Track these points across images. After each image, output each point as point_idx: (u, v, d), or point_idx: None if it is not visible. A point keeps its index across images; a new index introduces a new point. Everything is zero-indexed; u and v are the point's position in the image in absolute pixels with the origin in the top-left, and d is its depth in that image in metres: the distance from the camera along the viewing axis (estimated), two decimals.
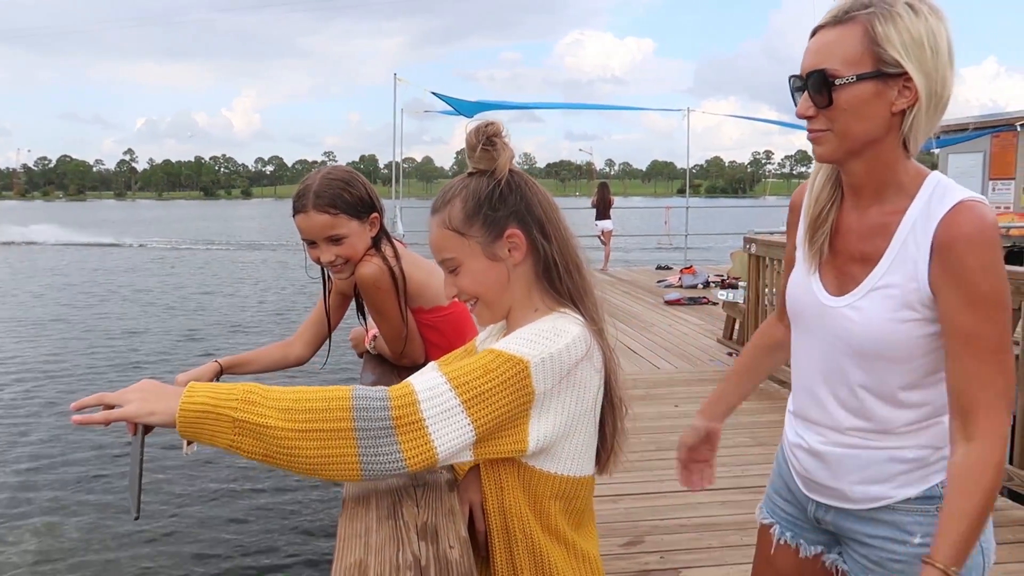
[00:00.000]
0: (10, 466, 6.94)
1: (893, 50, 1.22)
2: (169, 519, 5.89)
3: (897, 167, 1.30)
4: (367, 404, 1.09)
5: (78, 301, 17.41)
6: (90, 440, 7.36)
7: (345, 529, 1.09)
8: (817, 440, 1.46)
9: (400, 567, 0.98)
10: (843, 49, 1.25)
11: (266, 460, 1.09)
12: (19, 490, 6.41)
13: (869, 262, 1.34)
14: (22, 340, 12.99)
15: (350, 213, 1.99)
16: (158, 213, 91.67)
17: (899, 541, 1.39)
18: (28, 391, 9.52)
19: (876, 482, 1.40)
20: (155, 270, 24.59)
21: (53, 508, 6.06)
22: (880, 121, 1.26)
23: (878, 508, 1.40)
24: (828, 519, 1.49)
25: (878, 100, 1.24)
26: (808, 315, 1.44)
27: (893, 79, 1.23)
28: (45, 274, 23.59)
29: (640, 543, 3.48)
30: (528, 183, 1.29)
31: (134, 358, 11.48)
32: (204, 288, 19.68)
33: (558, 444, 1.20)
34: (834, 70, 1.25)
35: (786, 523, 1.60)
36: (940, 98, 1.25)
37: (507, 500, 1.22)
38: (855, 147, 1.29)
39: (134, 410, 1.13)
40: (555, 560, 1.22)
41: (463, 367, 1.15)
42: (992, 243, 1.23)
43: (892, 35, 1.22)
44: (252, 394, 1.11)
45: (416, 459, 1.10)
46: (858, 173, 1.33)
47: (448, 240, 1.27)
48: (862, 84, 1.24)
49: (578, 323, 1.23)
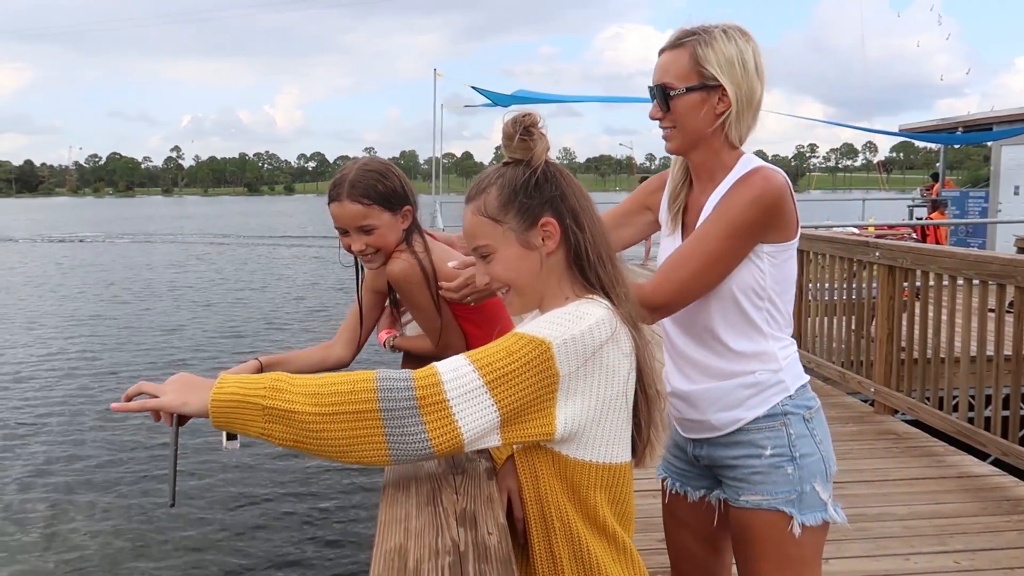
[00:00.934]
0: (55, 463, 7.10)
1: (711, 67, 1.60)
2: (204, 524, 6.00)
3: (723, 154, 1.68)
4: (391, 385, 1.11)
5: (137, 296, 17.86)
6: (131, 440, 7.50)
7: (385, 514, 1.10)
8: (684, 382, 1.75)
9: (439, 552, 0.99)
10: (676, 67, 1.64)
11: (297, 446, 1.12)
12: (57, 490, 6.54)
13: None
14: (69, 336, 13.38)
15: (383, 204, 2.01)
16: (204, 210, 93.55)
17: (754, 456, 1.66)
18: (75, 386, 9.77)
19: (730, 408, 1.68)
20: (196, 265, 25.09)
21: (91, 506, 6.16)
22: (707, 121, 1.64)
23: (736, 431, 1.69)
24: (703, 453, 1.77)
25: (703, 105, 1.63)
26: None
27: (713, 89, 1.62)
28: (97, 270, 24.23)
29: None
30: (562, 173, 1.31)
31: (179, 355, 11.75)
32: (245, 284, 20.02)
33: (589, 430, 1.20)
34: (670, 83, 1.64)
35: (675, 475, 1.90)
36: (750, 101, 1.64)
37: (543, 489, 1.22)
38: (693, 141, 1.67)
39: (168, 400, 1.18)
40: (594, 549, 1.22)
41: (486, 349, 1.16)
42: (753, 185, 1.61)
43: (710, 56, 1.61)
44: (279, 382, 1.13)
45: (442, 440, 1.11)
46: (697, 160, 1.71)
47: (482, 227, 1.29)
48: (690, 94, 1.63)
49: (603, 307, 1.23)
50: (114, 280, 21.11)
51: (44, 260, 27.62)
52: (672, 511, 1.94)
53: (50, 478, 6.69)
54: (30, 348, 12.16)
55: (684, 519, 1.90)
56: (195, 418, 1.20)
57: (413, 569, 0.95)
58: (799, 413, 1.66)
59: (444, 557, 0.97)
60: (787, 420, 1.65)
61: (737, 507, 1.69)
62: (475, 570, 0.94)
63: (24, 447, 7.41)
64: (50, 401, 9.03)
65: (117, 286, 19.72)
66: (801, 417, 1.66)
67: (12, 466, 6.90)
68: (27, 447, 7.41)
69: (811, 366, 5.67)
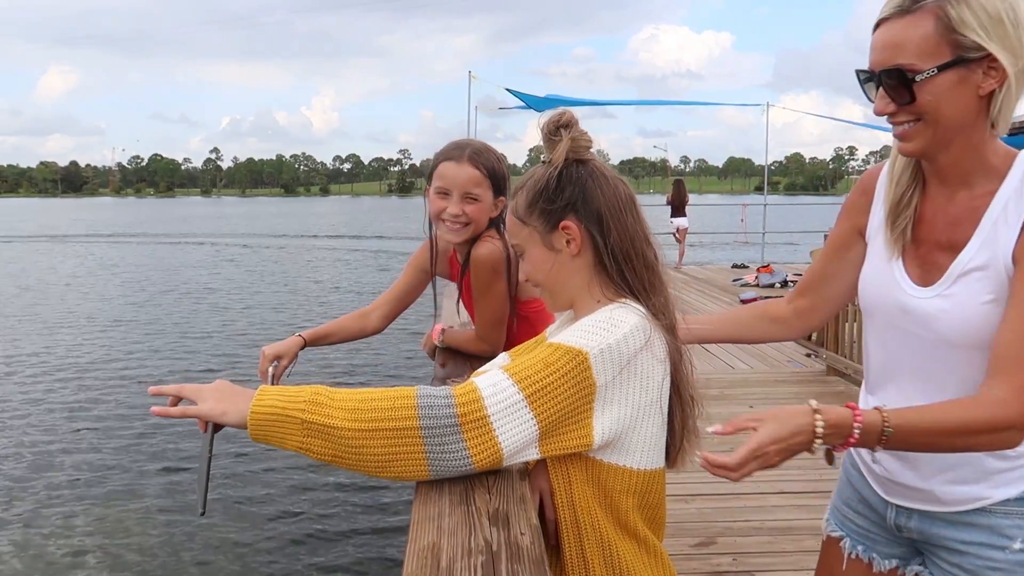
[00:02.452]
0: (86, 461, 7.21)
1: (972, 33, 1.16)
2: (233, 520, 6.07)
3: (986, 150, 1.25)
4: (432, 403, 1.11)
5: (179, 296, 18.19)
6: (158, 445, 7.56)
7: (419, 513, 1.11)
8: None
9: (472, 551, 0.99)
10: (916, 41, 1.19)
11: (335, 461, 1.12)
12: (89, 484, 6.63)
13: (956, 249, 1.28)
14: (104, 331, 13.67)
15: (493, 182, 2.06)
16: (241, 210, 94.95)
17: (997, 547, 1.29)
18: (102, 389, 9.86)
19: (970, 482, 1.30)
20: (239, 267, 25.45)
21: (121, 504, 6.24)
22: (969, 107, 1.20)
23: (972, 511, 1.31)
24: (911, 525, 1.40)
25: (964, 87, 1.19)
26: (889, 308, 1.37)
27: (976, 63, 1.17)
28: (136, 269, 24.72)
29: (712, 544, 3.42)
30: (594, 174, 1.27)
31: (223, 349, 11.93)
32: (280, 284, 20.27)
33: (625, 436, 1.19)
34: (911, 65, 1.19)
35: (857, 536, 1.51)
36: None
37: (576, 494, 1.21)
38: (946, 138, 1.24)
39: (208, 409, 1.18)
40: (625, 555, 1.21)
41: (523, 362, 1.16)
42: None
43: (968, 17, 1.16)
44: (319, 395, 1.13)
45: (482, 456, 1.11)
46: (946, 161, 1.27)
47: (514, 227, 1.32)
48: (944, 75, 1.18)
49: (637, 313, 1.21)
50: (153, 279, 21.51)
51: (93, 259, 28.26)
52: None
53: (76, 482, 6.72)
54: (80, 347, 12.44)
55: None
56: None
57: (446, 568, 0.95)
58: None
59: (477, 556, 0.98)
60: None
61: None
62: (508, 570, 0.94)
63: (49, 454, 7.40)
64: (76, 405, 9.02)
65: (158, 287, 20.09)
66: None
67: (35, 473, 6.92)
68: (52, 455, 7.39)
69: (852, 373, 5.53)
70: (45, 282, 20.81)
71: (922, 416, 1.18)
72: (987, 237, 1.24)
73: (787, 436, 1.16)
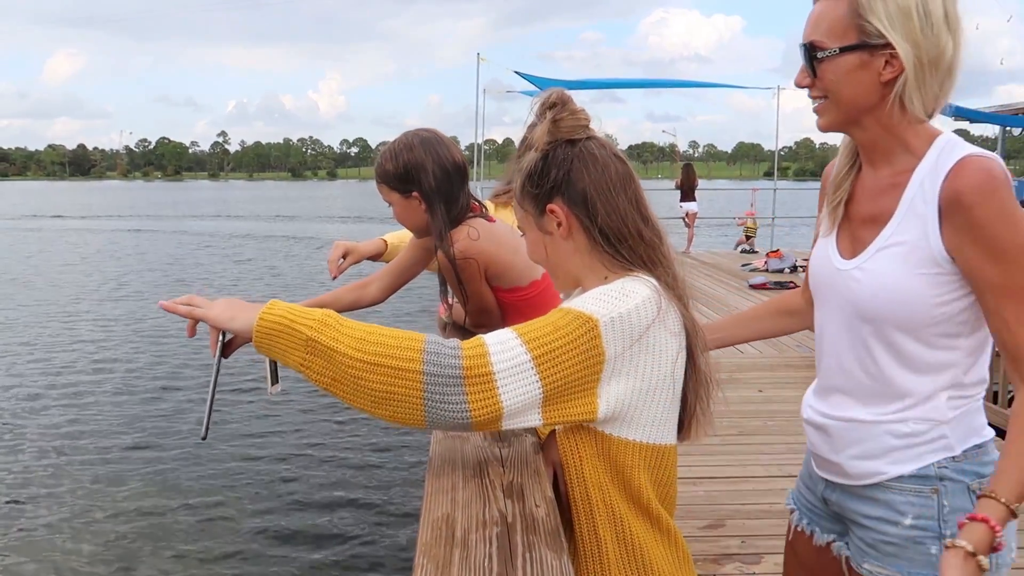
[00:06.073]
0: (87, 447, 7.20)
1: (877, 21, 1.21)
2: (245, 493, 6.12)
3: (902, 131, 1.29)
4: (439, 350, 1.09)
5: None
6: (166, 424, 7.59)
7: (432, 485, 1.10)
8: (823, 413, 1.43)
9: (487, 522, 0.98)
10: (830, 20, 1.25)
11: (332, 387, 1.11)
12: (90, 465, 6.63)
13: (879, 223, 1.32)
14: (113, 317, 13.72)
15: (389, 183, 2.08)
16: (250, 194, 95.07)
17: (891, 522, 1.34)
18: (109, 367, 10.00)
19: (871, 457, 1.36)
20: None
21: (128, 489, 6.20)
22: (869, 91, 1.26)
23: (872, 485, 1.37)
24: (834, 498, 1.47)
25: (864, 71, 1.24)
26: (823, 282, 1.42)
27: (878, 50, 1.23)
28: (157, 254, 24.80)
29: (721, 527, 3.42)
30: (581, 155, 1.24)
31: None
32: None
33: (635, 410, 1.17)
34: (820, 42, 1.26)
35: (805, 509, 1.58)
36: (935, 64, 1.23)
37: (586, 469, 1.20)
38: (851, 116, 1.30)
39: (216, 314, 1.18)
40: (637, 532, 1.20)
41: (533, 324, 1.14)
42: (1000, 191, 1.20)
43: (877, 6, 1.21)
44: (329, 317, 1.13)
45: (481, 412, 1.09)
46: (863, 139, 1.33)
47: (516, 210, 1.32)
48: (845, 56, 1.24)
49: (649, 285, 1.19)
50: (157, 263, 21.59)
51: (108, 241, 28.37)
52: (795, 548, 1.61)
53: (77, 453, 6.78)
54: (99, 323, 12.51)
55: (806, 562, 1.58)
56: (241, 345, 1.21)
57: (461, 539, 0.95)
58: (963, 482, 1.30)
59: (492, 527, 0.97)
60: (943, 487, 1.31)
61: (859, 574, 1.40)
62: (523, 541, 0.93)
63: (51, 427, 7.46)
64: (82, 380, 9.14)
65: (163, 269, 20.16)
66: (965, 487, 1.31)
67: (32, 446, 6.96)
68: (55, 426, 7.45)
69: None
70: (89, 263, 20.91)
71: (1018, 466, 1.20)
72: (906, 213, 1.28)
73: None
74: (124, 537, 5.33)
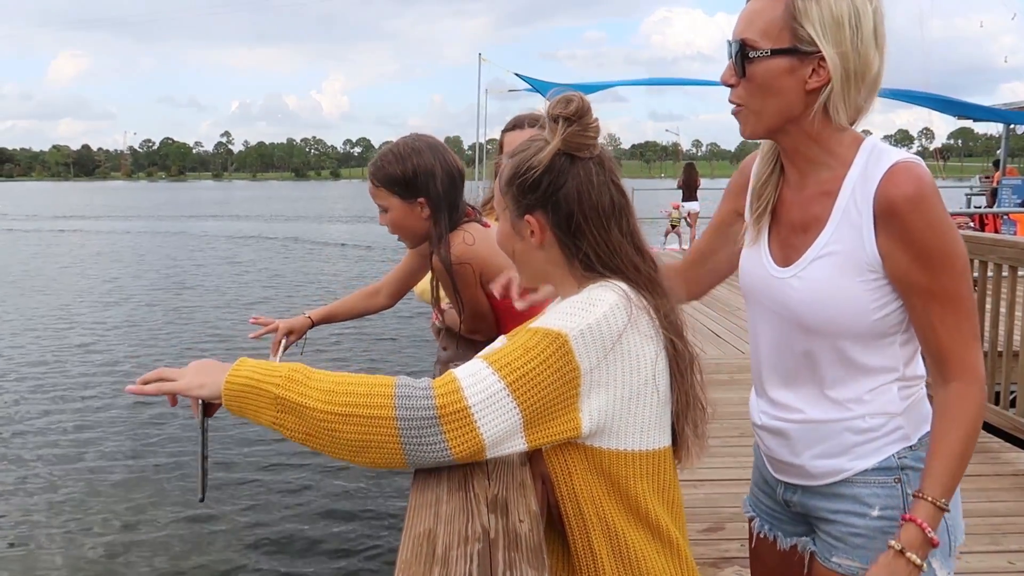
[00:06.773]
0: (85, 453, 7.13)
1: (810, 27, 1.20)
2: (231, 507, 6.07)
3: (826, 138, 1.28)
4: (410, 393, 1.08)
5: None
6: (163, 432, 7.53)
7: (416, 499, 1.09)
8: (777, 417, 1.43)
9: (469, 538, 0.97)
10: (765, 21, 1.23)
11: (308, 441, 1.10)
12: (88, 473, 6.59)
13: (811, 231, 1.32)
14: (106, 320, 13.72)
15: (391, 188, 2.06)
16: (252, 193, 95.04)
17: (859, 515, 1.37)
18: (101, 376, 9.90)
19: (833, 455, 1.38)
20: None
21: (123, 497, 6.16)
22: (792, 97, 1.24)
23: (838, 482, 1.39)
24: (796, 500, 1.47)
25: (790, 77, 1.23)
26: (758, 289, 1.42)
27: (808, 57, 1.22)
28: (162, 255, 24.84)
29: (720, 529, 3.39)
30: (578, 178, 1.19)
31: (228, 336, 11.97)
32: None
33: (620, 419, 1.15)
34: (752, 41, 1.24)
35: (765, 515, 1.58)
36: (862, 76, 1.23)
37: (577, 485, 1.18)
38: (773, 124, 1.28)
39: (185, 384, 1.17)
40: (634, 544, 1.17)
41: (502, 350, 1.12)
42: (930, 198, 1.22)
43: (812, 11, 1.20)
44: (296, 372, 1.12)
45: (461, 448, 1.08)
46: (788, 146, 1.32)
47: (496, 193, 1.29)
48: (776, 59, 1.23)
49: (616, 290, 1.16)
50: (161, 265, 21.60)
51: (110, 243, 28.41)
52: (759, 555, 1.61)
53: (74, 466, 6.69)
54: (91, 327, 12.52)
55: (772, 567, 1.59)
56: (221, 408, 1.19)
57: (441, 555, 0.93)
58: (921, 468, 1.32)
59: (473, 544, 0.95)
60: (904, 476, 1.35)
61: (827, 568, 1.40)
62: (505, 558, 0.92)
63: (43, 440, 7.36)
64: (74, 393, 8.91)
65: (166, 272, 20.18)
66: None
67: (31, 458, 6.90)
68: (47, 440, 7.34)
69: None
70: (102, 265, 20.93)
71: (945, 464, 1.26)
72: (840, 222, 1.28)
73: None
74: (116, 545, 5.31)
